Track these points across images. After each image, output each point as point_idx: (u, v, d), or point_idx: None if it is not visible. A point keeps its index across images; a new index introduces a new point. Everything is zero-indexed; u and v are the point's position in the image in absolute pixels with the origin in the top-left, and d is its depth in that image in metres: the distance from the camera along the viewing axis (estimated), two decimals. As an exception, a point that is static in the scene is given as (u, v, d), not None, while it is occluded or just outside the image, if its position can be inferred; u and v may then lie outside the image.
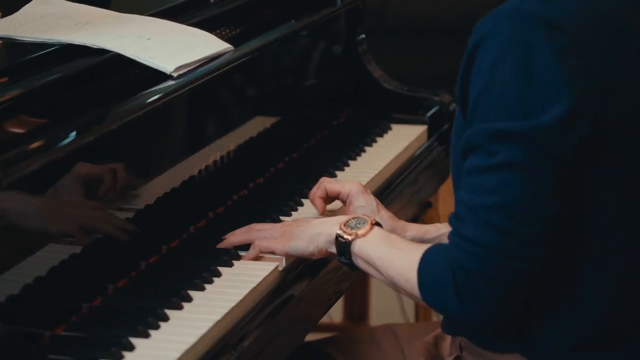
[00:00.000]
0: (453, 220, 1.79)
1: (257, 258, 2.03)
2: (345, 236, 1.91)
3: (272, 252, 2.03)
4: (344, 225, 1.92)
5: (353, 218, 1.94)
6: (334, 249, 1.95)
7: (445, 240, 1.92)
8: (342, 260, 1.94)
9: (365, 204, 2.10)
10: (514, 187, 1.70)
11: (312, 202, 2.17)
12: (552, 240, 1.73)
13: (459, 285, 1.74)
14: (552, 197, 1.71)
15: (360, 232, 1.91)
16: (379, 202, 2.14)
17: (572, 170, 1.72)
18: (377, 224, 1.93)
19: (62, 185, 1.85)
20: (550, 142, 1.69)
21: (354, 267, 1.93)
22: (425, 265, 1.79)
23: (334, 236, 1.93)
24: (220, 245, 2.06)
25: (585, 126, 1.71)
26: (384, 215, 2.10)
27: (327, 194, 2.16)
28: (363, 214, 1.98)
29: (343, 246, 1.92)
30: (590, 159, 1.74)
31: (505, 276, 1.73)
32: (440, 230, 2.10)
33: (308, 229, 1.99)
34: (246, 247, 2.04)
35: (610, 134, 1.75)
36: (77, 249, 1.87)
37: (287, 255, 2.02)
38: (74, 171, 1.87)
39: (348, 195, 2.12)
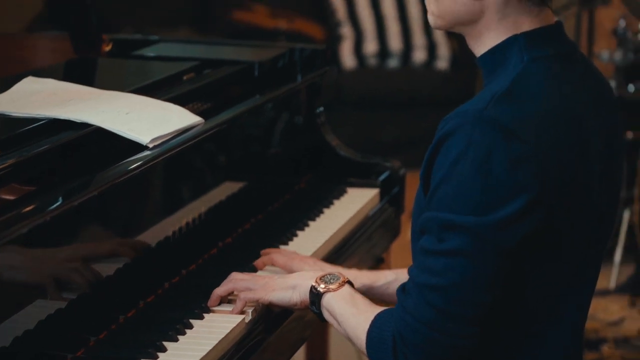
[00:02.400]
0: (401, 292, 1.81)
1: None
2: (318, 289, 1.93)
3: (257, 302, 2.03)
4: (320, 279, 1.94)
5: (329, 274, 1.96)
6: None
7: (393, 288, 1.95)
8: (313, 309, 1.95)
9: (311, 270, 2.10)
10: (457, 273, 1.71)
11: (257, 265, 2.20)
12: (489, 318, 1.75)
13: (397, 351, 1.76)
14: (492, 284, 1.73)
15: (331, 287, 1.93)
16: (322, 263, 2.16)
17: (513, 262, 1.73)
18: (349, 282, 1.95)
19: (49, 246, 1.85)
20: (496, 238, 1.70)
21: (322, 318, 1.95)
22: (374, 327, 1.81)
23: (310, 288, 1.95)
24: (209, 302, 2.06)
25: (530, 225, 1.72)
26: (330, 271, 2.07)
27: (272, 263, 2.16)
28: (338, 272, 1.98)
29: (315, 297, 1.94)
30: (532, 253, 1.75)
31: (438, 350, 1.75)
32: (387, 278, 2.12)
33: (290, 280, 2.01)
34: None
35: (552, 230, 1.76)
36: (62, 304, 1.86)
37: (272, 305, 2.02)
38: (61, 233, 1.87)
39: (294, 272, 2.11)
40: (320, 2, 6.37)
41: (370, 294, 2.09)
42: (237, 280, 2.07)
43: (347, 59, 6.26)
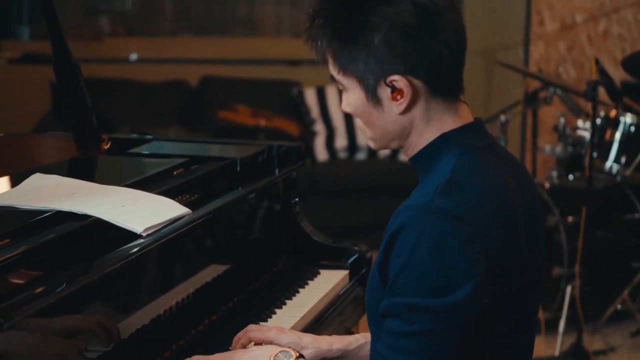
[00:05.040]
0: None
1: None
2: None
3: None
4: (274, 356, 1.93)
5: (281, 351, 1.94)
6: None
7: (365, 350, 1.94)
8: None
9: (290, 341, 2.07)
10: (430, 350, 1.72)
11: (234, 345, 2.12)
12: None
13: None
14: (460, 354, 1.74)
15: None
16: (300, 333, 2.14)
17: (476, 331, 1.75)
18: (301, 355, 1.94)
19: (53, 326, 1.85)
20: (459, 315, 1.71)
21: None
22: None
23: None
24: None
25: (486, 300, 1.73)
26: (307, 340, 2.08)
27: (250, 341, 2.12)
28: (290, 348, 1.97)
29: None
30: (491, 322, 1.77)
31: None
32: (359, 342, 2.10)
33: (248, 358, 1.98)
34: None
35: (504, 301, 1.78)
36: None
37: None
38: (64, 314, 1.87)
39: (272, 341, 2.07)
40: (296, 102, 6.43)
41: (346, 357, 2.09)
42: None
43: (321, 152, 6.30)
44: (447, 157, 1.81)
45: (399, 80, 1.80)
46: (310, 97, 6.38)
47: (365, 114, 1.86)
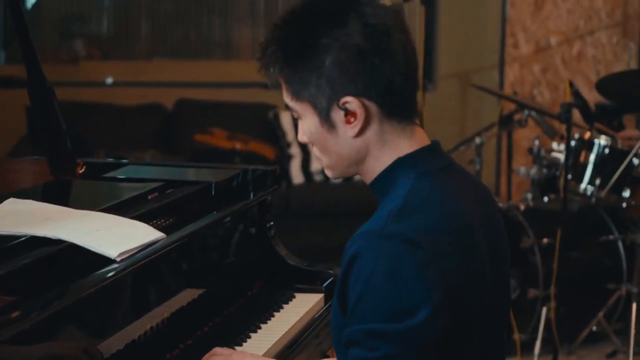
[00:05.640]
0: None
1: None
2: None
3: None
4: None
5: None
6: None
7: None
8: None
9: None
10: None
11: None
12: None
13: None
14: None
15: None
16: (264, 358, 2.15)
17: (440, 353, 1.75)
18: None
19: (31, 352, 1.84)
20: (420, 338, 1.72)
21: None
22: None
23: None
24: None
25: (446, 321, 1.74)
26: None
27: None
28: None
29: None
30: (457, 343, 1.78)
31: None
32: None
33: None
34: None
35: (468, 322, 1.79)
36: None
37: None
38: (39, 339, 1.86)
39: None
40: (272, 125, 6.45)
41: None
42: None
43: (296, 175, 6.32)
44: (402, 181, 1.81)
45: (351, 102, 1.81)
46: (286, 120, 6.39)
47: (320, 140, 1.86)
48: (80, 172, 2.77)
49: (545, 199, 4.88)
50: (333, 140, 1.85)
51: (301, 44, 1.82)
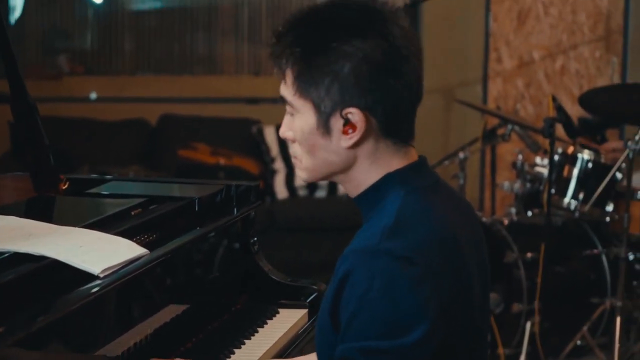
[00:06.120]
0: None
1: None
2: None
3: None
4: None
5: None
6: None
7: None
8: None
9: None
10: None
11: None
12: None
13: None
14: None
15: None
16: None
17: None
18: None
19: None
20: (415, 355, 1.72)
21: None
22: None
23: None
24: None
25: (440, 338, 1.74)
26: None
27: None
28: None
29: None
30: (443, 357, 1.77)
31: None
32: None
33: None
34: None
35: (457, 339, 1.79)
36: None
37: None
38: (22, 356, 1.86)
39: None
40: (256, 140, 6.45)
41: None
42: None
43: (280, 190, 6.32)
44: (391, 198, 1.82)
45: (355, 114, 1.81)
46: (270, 135, 6.40)
47: (309, 141, 1.86)
48: (64, 188, 2.77)
49: (529, 213, 4.89)
50: (323, 145, 1.84)
51: (322, 45, 1.81)
